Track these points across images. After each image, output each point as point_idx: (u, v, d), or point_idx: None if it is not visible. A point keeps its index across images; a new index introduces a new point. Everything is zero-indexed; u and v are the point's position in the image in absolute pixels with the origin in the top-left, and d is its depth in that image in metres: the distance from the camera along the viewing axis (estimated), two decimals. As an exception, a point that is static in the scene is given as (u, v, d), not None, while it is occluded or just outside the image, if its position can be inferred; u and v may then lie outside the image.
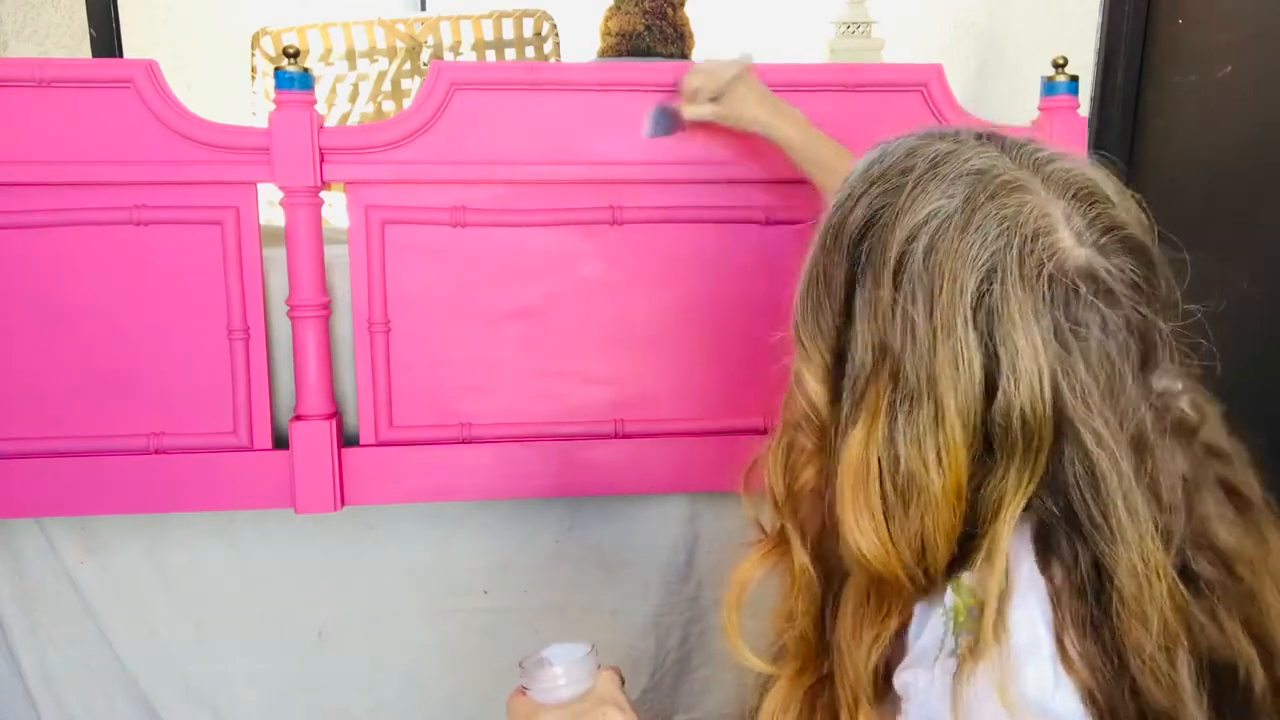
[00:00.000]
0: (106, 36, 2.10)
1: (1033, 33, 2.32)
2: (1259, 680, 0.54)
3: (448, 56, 2.12)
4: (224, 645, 1.35)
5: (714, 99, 1.16)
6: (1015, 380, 0.54)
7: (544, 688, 0.70)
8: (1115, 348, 0.55)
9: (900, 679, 0.58)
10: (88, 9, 2.08)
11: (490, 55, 2.14)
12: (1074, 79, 1.28)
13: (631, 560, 1.37)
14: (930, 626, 0.57)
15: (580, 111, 1.23)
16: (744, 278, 1.28)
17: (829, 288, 0.60)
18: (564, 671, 0.70)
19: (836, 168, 1.08)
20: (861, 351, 0.58)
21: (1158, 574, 0.53)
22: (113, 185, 1.19)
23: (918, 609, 0.59)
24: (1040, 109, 1.30)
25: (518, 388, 1.27)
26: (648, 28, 1.90)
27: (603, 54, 1.97)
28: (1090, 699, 0.53)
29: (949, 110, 1.26)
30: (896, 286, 0.56)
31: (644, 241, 1.26)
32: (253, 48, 2.07)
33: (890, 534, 0.57)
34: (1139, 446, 0.55)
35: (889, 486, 0.56)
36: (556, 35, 2.13)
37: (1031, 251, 0.54)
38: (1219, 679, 0.54)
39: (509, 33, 2.12)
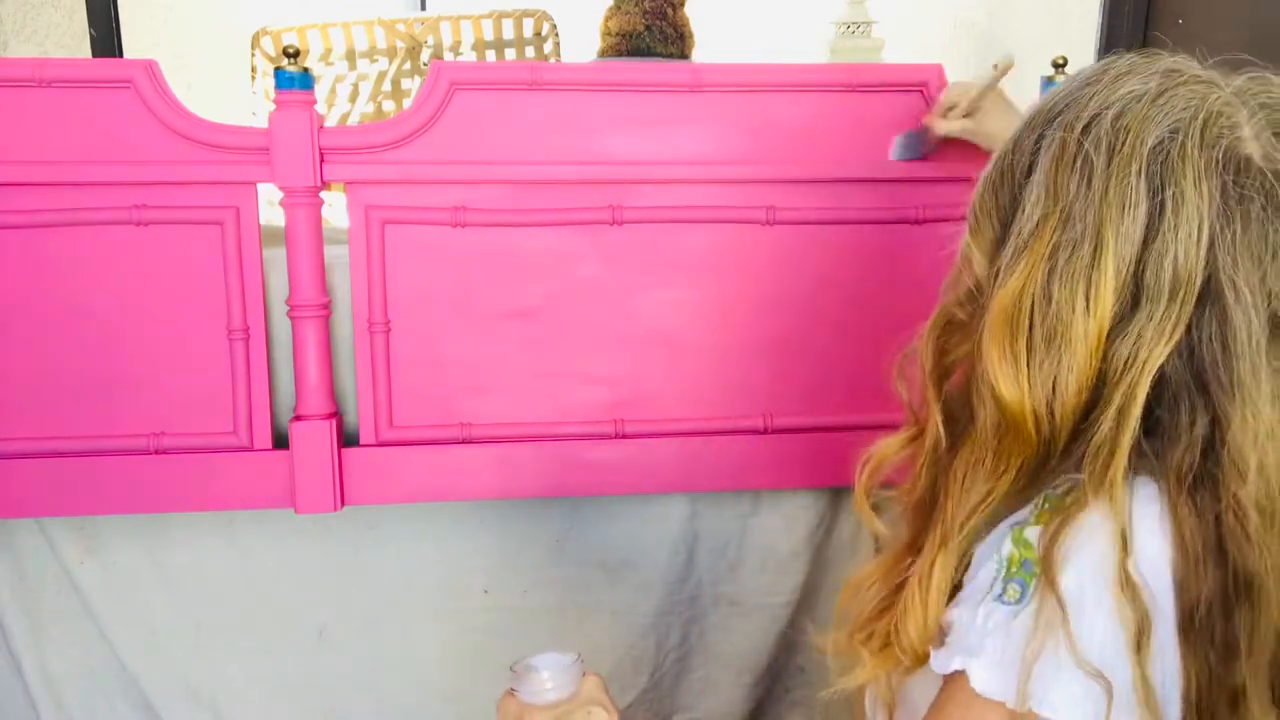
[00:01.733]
0: (106, 36, 2.10)
1: (1033, 33, 2.32)
2: None
3: (448, 56, 2.12)
4: (224, 645, 1.35)
5: (967, 114, 1.17)
6: (1175, 226, 0.58)
7: (532, 690, 0.74)
8: (1272, 229, 0.58)
9: (948, 614, 0.63)
10: (88, 9, 2.08)
11: (490, 55, 2.14)
12: (1074, 79, 1.28)
13: (631, 560, 1.37)
14: (985, 569, 0.62)
15: (580, 111, 1.23)
16: (745, 277, 1.28)
17: (1016, 157, 0.65)
18: (550, 676, 0.74)
19: None
20: (1033, 203, 0.62)
21: (1269, 435, 0.58)
22: (113, 185, 1.19)
23: (978, 553, 0.63)
24: (1040, 109, 1.29)
25: (518, 388, 1.27)
26: (648, 28, 1.91)
27: (603, 54, 1.97)
28: (1137, 643, 0.56)
29: (949, 110, 1.26)
30: (1082, 139, 0.61)
31: (644, 241, 1.26)
32: (253, 48, 2.07)
33: (1029, 374, 0.61)
34: (1272, 324, 0.58)
35: (1036, 327, 0.61)
36: (556, 35, 2.13)
37: (1213, 124, 0.59)
38: None
39: (509, 33, 2.12)
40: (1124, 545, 0.57)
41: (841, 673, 0.71)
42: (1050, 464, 0.62)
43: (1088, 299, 0.59)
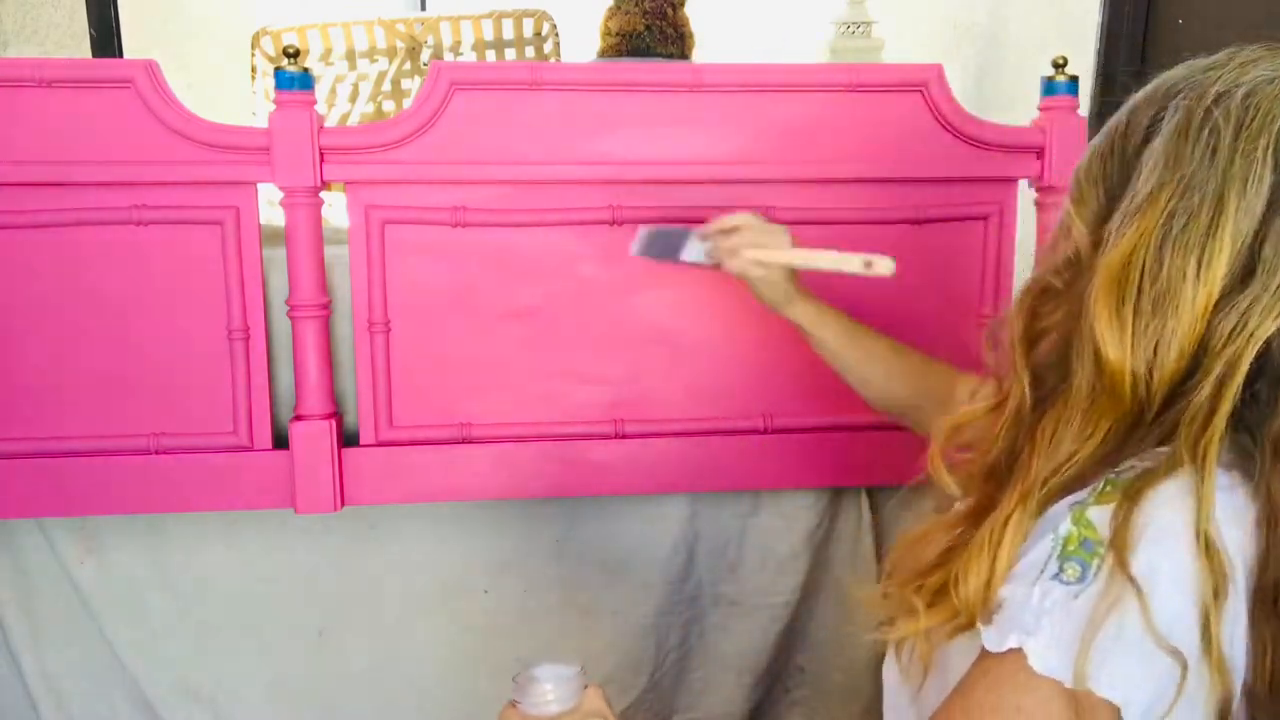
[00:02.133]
0: (106, 36, 2.11)
1: (1033, 33, 2.32)
2: None
3: (448, 56, 2.12)
4: (224, 645, 1.35)
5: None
6: None
7: (533, 702, 0.75)
8: None
9: (999, 592, 0.62)
10: (88, 9, 2.09)
11: (490, 55, 2.14)
12: (1074, 79, 1.28)
13: (631, 560, 1.37)
14: (1039, 547, 0.61)
15: (580, 111, 1.23)
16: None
17: (1131, 129, 0.66)
18: (553, 688, 0.75)
19: (861, 341, 1.06)
20: (1150, 169, 0.63)
21: None
22: (113, 185, 1.19)
23: (1035, 530, 0.63)
24: (1040, 109, 1.29)
25: (518, 388, 1.27)
26: (648, 28, 1.91)
27: (603, 54, 1.97)
28: (1204, 625, 0.57)
29: (949, 110, 1.26)
30: (1211, 109, 0.62)
31: (644, 241, 1.26)
32: (253, 48, 2.07)
33: (1132, 334, 0.62)
34: None
35: (1145, 291, 0.61)
36: (556, 35, 2.13)
37: None
38: None
39: (509, 33, 2.12)
40: (1206, 510, 0.58)
41: (880, 626, 0.71)
42: (1139, 431, 0.63)
43: (1200, 265, 0.60)
